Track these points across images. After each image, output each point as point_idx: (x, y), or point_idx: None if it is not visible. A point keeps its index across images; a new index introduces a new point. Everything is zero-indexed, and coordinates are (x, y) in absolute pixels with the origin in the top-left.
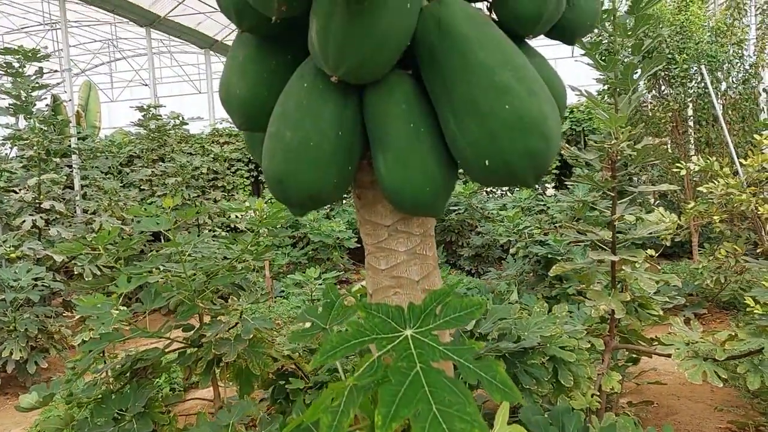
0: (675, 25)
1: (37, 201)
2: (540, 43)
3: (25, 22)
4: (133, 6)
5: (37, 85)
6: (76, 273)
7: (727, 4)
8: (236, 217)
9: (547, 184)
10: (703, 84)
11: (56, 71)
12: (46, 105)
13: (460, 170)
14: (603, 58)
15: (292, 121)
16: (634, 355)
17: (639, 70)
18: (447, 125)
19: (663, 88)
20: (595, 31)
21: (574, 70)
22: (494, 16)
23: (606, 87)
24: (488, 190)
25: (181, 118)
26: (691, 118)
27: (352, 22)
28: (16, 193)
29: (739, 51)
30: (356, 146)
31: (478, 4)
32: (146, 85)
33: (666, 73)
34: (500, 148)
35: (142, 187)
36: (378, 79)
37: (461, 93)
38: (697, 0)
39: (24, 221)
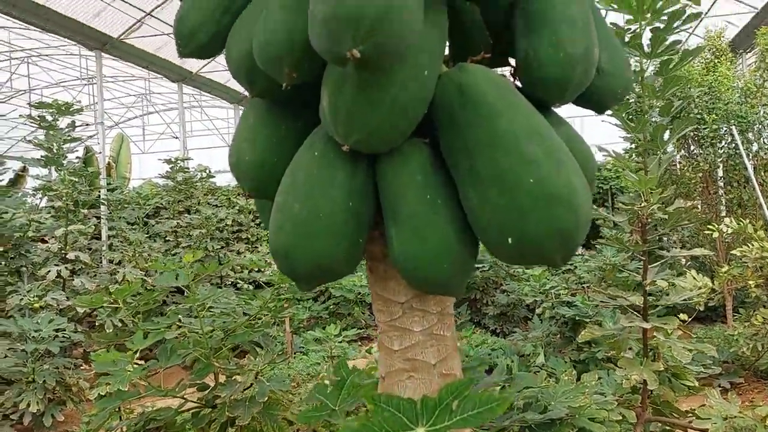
0: (703, 85)
1: (63, 251)
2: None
3: (63, 77)
4: (167, 62)
5: (69, 138)
6: (98, 324)
7: (756, 65)
8: (258, 271)
9: None
10: (733, 145)
11: (89, 124)
12: (77, 158)
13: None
14: (631, 118)
15: (300, 191)
16: (668, 428)
17: (668, 132)
18: (467, 198)
19: (692, 148)
20: None
21: (598, 127)
22: (518, 82)
23: (633, 146)
24: None
25: (208, 171)
26: (722, 178)
27: (363, 91)
28: (44, 242)
29: None
30: (368, 216)
31: (500, 69)
32: (176, 137)
33: (695, 133)
34: (525, 225)
35: (167, 238)
36: (392, 148)
37: (484, 164)
38: (725, 61)
39: (49, 271)
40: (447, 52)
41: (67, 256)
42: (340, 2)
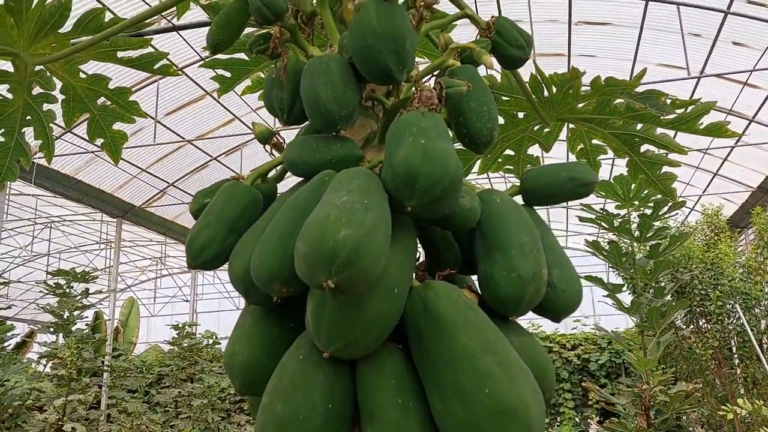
0: (705, 261)
1: (60, 422)
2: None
3: (82, 241)
4: (185, 228)
5: (80, 305)
6: None
7: (755, 242)
8: None
9: (590, 420)
10: (741, 321)
11: (102, 292)
12: (86, 324)
13: None
14: (632, 285)
15: (284, 393)
16: None
17: (665, 314)
18: (433, 405)
19: (701, 322)
20: (616, 271)
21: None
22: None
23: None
24: None
25: (215, 338)
26: (736, 355)
27: (341, 308)
28: (41, 412)
29: None
30: (347, 416)
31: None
32: (187, 301)
33: (701, 309)
34: None
35: (167, 408)
36: (369, 354)
37: (446, 376)
38: (725, 238)
39: None
40: (423, 258)
41: (63, 428)
42: (317, 243)
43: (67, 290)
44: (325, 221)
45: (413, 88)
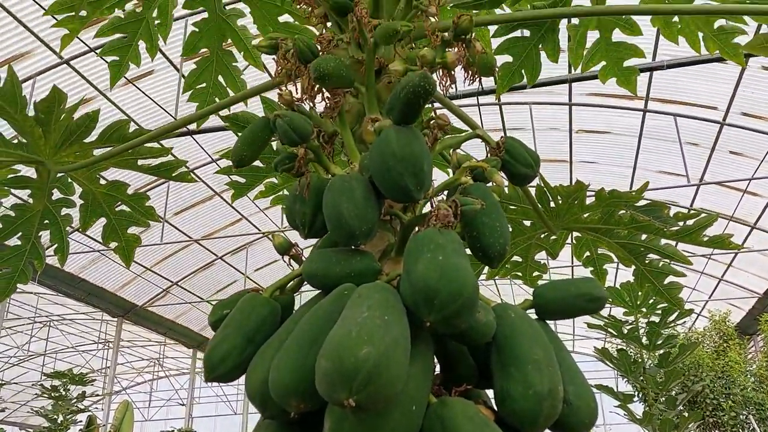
0: (715, 370)
1: None
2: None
3: (80, 340)
4: (185, 329)
5: (75, 408)
6: None
7: (765, 350)
8: None
9: None
10: None
11: (98, 395)
12: (80, 430)
13: None
14: (640, 391)
15: None
16: None
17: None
18: None
19: None
20: (626, 379)
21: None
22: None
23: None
24: None
25: None
26: None
27: (360, 426)
28: None
29: None
30: None
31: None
32: (183, 404)
33: (714, 419)
34: None
35: None
36: None
37: None
38: (734, 345)
39: None
40: (438, 369)
41: None
42: (338, 361)
43: (63, 393)
44: (347, 338)
45: (429, 204)
